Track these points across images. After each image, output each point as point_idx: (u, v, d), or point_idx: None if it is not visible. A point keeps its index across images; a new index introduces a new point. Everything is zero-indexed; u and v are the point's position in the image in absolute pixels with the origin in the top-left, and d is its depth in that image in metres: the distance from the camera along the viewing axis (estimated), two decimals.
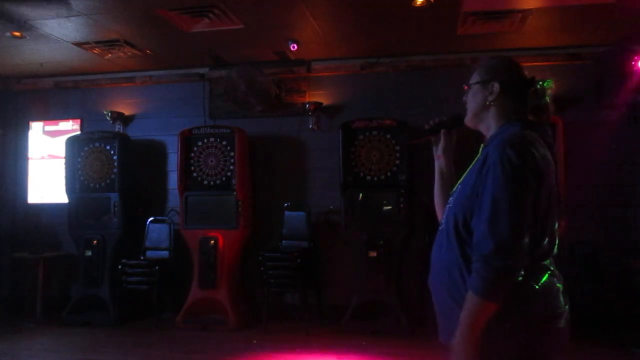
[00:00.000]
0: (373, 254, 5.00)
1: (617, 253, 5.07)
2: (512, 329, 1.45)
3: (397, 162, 5.14)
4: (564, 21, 4.71)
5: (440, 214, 1.81)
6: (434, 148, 1.86)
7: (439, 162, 1.85)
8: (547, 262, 1.54)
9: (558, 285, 1.55)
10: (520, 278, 1.44)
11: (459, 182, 1.70)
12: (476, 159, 1.65)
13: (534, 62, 5.38)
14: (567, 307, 1.54)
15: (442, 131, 1.83)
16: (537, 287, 1.48)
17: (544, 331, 1.48)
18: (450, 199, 1.66)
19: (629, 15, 4.46)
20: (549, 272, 1.53)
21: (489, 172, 1.47)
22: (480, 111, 1.68)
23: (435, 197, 1.86)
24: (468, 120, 1.73)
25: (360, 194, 5.17)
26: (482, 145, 1.67)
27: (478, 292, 1.42)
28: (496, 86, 1.64)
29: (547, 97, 1.66)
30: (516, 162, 1.44)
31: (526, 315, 1.47)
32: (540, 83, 1.67)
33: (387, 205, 5.15)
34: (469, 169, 1.66)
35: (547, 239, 1.52)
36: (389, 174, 5.15)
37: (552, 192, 1.53)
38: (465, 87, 1.74)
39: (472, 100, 1.69)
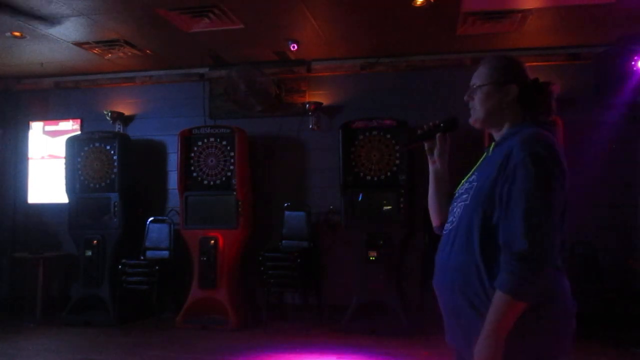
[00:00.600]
0: (373, 254, 5.00)
1: (617, 253, 5.08)
2: (531, 330, 1.44)
3: (397, 162, 5.14)
4: (564, 21, 4.71)
5: (435, 217, 1.81)
6: (428, 153, 1.83)
7: (434, 166, 1.82)
8: (558, 260, 1.53)
9: (568, 284, 1.55)
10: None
11: (465, 179, 1.68)
12: (484, 156, 1.67)
13: (534, 62, 5.38)
14: (575, 306, 1.54)
15: (437, 135, 1.79)
16: (554, 287, 1.49)
17: (559, 331, 1.48)
18: (464, 195, 1.61)
19: (629, 15, 4.46)
20: (559, 270, 1.52)
21: (517, 169, 1.45)
22: (495, 113, 1.65)
23: (430, 200, 1.84)
24: (477, 121, 1.69)
25: (360, 194, 5.17)
26: (492, 143, 1.67)
27: (510, 291, 1.39)
28: (514, 90, 1.63)
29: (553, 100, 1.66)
30: (547, 159, 1.44)
31: (543, 315, 1.45)
32: (549, 87, 1.67)
33: (387, 205, 5.15)
34: (478, 166, 1.66)
35: (560, 238, 1.51)
36: (389, 174, 5.15)
37: (566, 192, 1.53)
38: (475, 87, 1.70)
39: (485, 101, 1.65)
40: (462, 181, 1.70)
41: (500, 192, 1.47)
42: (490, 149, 1.66)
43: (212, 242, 5.23)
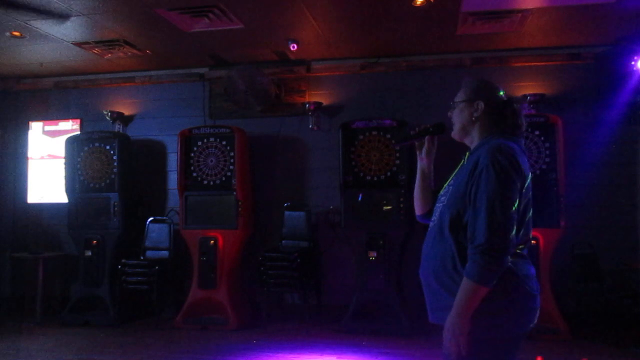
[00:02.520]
0: (373, 254, 5.00)
1: (617, 253, 5.08)
2: (498, 308, 1.68)
3: (397, 162, 5.14)
4: (564, 21, 4.71)
5: (418, 207, 2.11)
6: (417, 151, 2.08)
7: (422, 164, 2.07)
8: (523, 250, 1.78)
9: (532, 270, 1.79)
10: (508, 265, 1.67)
11: (447, 183, 1.93)
12: (461, 164, 1.90)
13: (534, 62, 5.39)
14: (538, 289, 1.78)
15: (426, 137, 2.03)
16: (517, 272, 1.72)
17: (524, 308, 1.73)
18: (442, 197, 1.88)
19: (629, 15, 4.46)
20: (524, 258, 1.78)
21: (481, 174, 1.70)
22: (467, 125, 1.91)
23: (415, 192, 2.12)
24: (455, 134, 1.95)
25: (360, 194, 5.17)
26: (467, 153, 1.91)
27: (474, 279, 1.64)
28: (481, 104, 1.88)
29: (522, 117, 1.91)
30: (506, 166, 1.69)
31: (511, 295, 1.70)
32: (517, 104, 1.90)
33: (387, 205, 5.15)
34: (456, 172, 1.90)
35: (523, 231, 1.75)
36: (388, 174, 5.15)
37: (529, 192, 1.77)
38: (453, 104, 1.96)
39: (459, 116, 1.92)
40: (444, 185, 1.94)
41: (469, 194, 1.73)
42: (465, 157, 1.90)
43: (212, 242, 5.23)
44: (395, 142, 5.15)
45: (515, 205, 1.68)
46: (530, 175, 1.77)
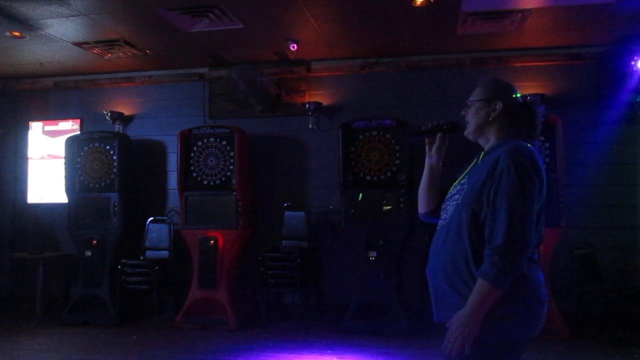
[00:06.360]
0: (373, 254, 5.00)
1: (617, 253, 5.08)
2: (509, 313, 1.67)
3: (397, 162, 5.14)
4: (564, 21, 4.71)
5: (423, 205, 2.06)
6: (427, 147, 2.04)
7: (431, 160, 2.03)
8: (534, 255, 1.76)
9: (542, 276, 1.78)
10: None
11: (457, 182, 1.90)
12: (474, 163, 1.90)
13: (534, 62, 5.39)
14: (547, 296, 1.77)
15: (439, 134, 2.00)
16: (530, 277, 1.71)
17: (533, 315, 1.72)
18: (456, 196, 1.84)
19: (628, 15, 4.46)
20: (536, 264, 1.76)
21: (502, 175, 1.69)
22: (483, 125, 1.89)
23: (421, 190, 2.07)
24: (469, 133, 1.93)
25: (360, 194, 5.17)
26: (481, 152, 1.90)
27: (490, 280, 1.62)
28: (500, 105, 1.86)
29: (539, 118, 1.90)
30: (527, 167, 1.68)
31: (521, 300, 1.69)
32: (534, 105, 1.90)
33: (387, 205, 5.15)
34: (468, 171, 1.89)
35: (537, 233, 1.73)
36: (388, 173, 5.15)
37: (544, 195, 1.76)
38: (469, 103, 1.93)
39: (476, 115, 1.90)
40: (454, 184, 1.91)
41: (487, 194, 1.71)
42: (480, 157, 1.89)
43: (212, 242, 5.23)
44: (408, 136, 5.08)
45: (535, 206, 1.67)
46: (545, 178, 1.76)
